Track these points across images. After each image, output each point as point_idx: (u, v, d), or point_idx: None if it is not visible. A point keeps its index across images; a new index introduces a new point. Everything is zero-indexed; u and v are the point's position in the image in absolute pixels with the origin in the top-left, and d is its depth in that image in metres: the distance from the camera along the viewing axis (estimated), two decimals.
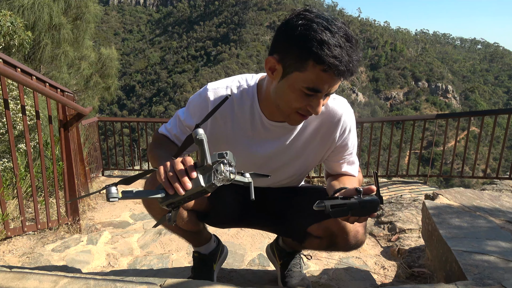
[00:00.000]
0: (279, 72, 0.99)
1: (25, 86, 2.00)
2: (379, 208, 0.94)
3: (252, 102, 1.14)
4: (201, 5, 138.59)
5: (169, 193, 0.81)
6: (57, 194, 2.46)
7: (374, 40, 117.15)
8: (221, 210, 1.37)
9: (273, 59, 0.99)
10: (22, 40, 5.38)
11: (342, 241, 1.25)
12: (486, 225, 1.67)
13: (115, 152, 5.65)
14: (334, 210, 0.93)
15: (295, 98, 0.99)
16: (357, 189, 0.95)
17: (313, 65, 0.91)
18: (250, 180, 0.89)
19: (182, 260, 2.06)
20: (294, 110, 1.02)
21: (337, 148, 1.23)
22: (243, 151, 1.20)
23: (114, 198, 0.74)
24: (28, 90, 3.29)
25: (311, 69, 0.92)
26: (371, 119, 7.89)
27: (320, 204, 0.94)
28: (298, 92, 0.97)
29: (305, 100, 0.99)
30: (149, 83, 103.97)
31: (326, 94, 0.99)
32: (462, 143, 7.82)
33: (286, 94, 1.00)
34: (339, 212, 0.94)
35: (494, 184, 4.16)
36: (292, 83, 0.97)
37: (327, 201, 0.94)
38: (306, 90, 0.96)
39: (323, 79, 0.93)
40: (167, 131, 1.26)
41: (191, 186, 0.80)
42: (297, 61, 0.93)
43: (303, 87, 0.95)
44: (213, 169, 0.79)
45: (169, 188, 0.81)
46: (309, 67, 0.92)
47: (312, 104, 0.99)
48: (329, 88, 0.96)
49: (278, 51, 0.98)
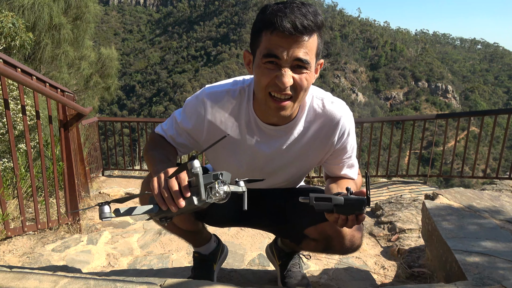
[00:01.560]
0: (251, 62, 1.03)
1: (25, 86, 2.00)
2: (364, 208, 0.93)
3: (247, 104, 1.13)
4: (201, 5, 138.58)
5: (162, 208, 0.83)
6: (57, 194, 2.47)
7: (374, 40, 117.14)
8: (219, 210, 1.37)
9: (246, 52, 1.06)
10: (23, 41, 5.39)
11: (338, 244, 1.25)
12: (486, 225, 1.67)
13: (115, 152, 5.65)
14: (318, 203, 0.93)
15: (261, 74, 0.98)
16: (347, 188, 0.96)
17: (264, 33, 0.95)
18: (244, 190, 0.88)
19: (182, 260, 2.06)
20: (266, 91, 1.00)
21: (336, 151, 1.21)
22: (240, 154, 1.19)
23: (106, 218, 0.76)
24: (28, 90, 3.29)
25: (264, 38, 0.95)
26: (371, 119, 7.88)
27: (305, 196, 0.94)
28: (261, 68, 0.98)
29: (270, 73, 0.97)
30: (149, 83, 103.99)
31: (298, 67, 0.96)
32: (462, 143, 7.82)
33: (256, 76, 1.01)
34: (323, 206, 0.94)
35: (494, 184, 4.16)
36: (256, 61, 0.99)
37: (312, 193, 0.94)
38: (264, 58, 0.96)
39: (275, 42, 0.93)
40: (163, 131, 1.25)
41: (184, 205, 0.80)
42: (256, 39, 0.99)
43: (261, 57, 0.96)
44: (207, 189, 0.79)
45: (162, 204, 0.82)
46: (262, 38, 0.96)
47: (278, 75, 0.96)
48: (286, 52, 0.93)
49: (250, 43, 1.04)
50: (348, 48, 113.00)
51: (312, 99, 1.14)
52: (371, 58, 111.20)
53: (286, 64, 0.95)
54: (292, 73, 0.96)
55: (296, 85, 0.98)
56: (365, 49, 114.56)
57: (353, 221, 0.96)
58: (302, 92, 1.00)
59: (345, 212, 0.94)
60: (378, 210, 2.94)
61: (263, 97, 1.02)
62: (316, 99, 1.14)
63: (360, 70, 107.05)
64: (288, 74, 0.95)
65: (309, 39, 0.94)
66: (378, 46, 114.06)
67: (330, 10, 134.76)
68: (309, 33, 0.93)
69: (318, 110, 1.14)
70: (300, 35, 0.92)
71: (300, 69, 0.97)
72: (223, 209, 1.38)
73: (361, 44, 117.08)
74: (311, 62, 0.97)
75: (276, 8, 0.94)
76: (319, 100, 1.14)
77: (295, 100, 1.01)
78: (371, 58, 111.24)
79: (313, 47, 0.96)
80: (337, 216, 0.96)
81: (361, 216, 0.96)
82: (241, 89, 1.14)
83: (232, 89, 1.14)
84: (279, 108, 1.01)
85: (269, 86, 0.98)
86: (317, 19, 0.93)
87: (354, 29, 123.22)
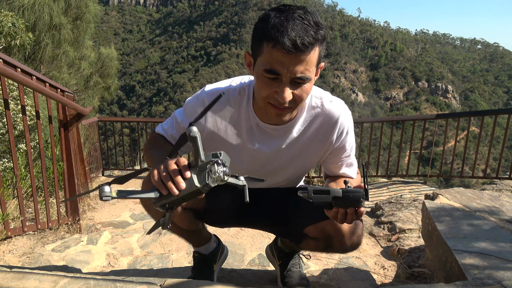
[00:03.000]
0: (252, 64, 1.03)
1: (25, 86, 2.00)
2: (362, 200, 0.93)
3: (247, 103, 1.14)
4: (201, 5, 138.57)
5: (163, 193, 0.81)
6: (57, 194, 2.47)
7: (374, 40, 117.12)
8: (219, 209, 1.37)
9: (246, 53, 1.05)
10: (23, 41, 5.39)
11: (338, 243, 1.25)
12: (486, 225, 1.67)
13: (115, 152, 5.65)
14: (316, 195, 0.94)
15: (261, 86, 0.99)
16: (345, 181, 0.96)
17: (266, 45, 0.94)
18: (244, 183, 0.88)
19: (182, 260, 2.06)
20: (266, 101, 1.01)
21: (334, 151, 1.22)
22: (240, 153, 1.19)
23: (107, 197, 0.74)
24: (28, 90, 3.29)
25: (265, 50, 0.94)
26: (371, 119, 7.88)
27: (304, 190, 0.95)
28: (262, 78, 0.98)
29: (270, 87, 0.97)
30: (149, 83, 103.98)
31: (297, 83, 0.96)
32: (462, 143, 7.81)
33: (256, 84, 1.01)
34: (322, 199, 0.94)
35: (494, 184, 4.16)
36: (257, 70, 0.99)
37: (310, 186, 0.95)
38: (265, 73, 0.96)
39: (276, 58, 0.92)
40: (164, 131, 1.25)
41: (185, 186, 0.80)
42: (257, 47, 0.97)
43: (262, 70, 0.96)
44: (207, 169, 0.79)
45: (163, 188, 0.81)
46: (263, 49, 0.95)
47: (277, 90, 0.96)
48: (286, 69, 0.93)
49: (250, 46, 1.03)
50: (348, 48, 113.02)
51: (311, 98, 1.15)
52: (371, 58, 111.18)
53: (286, 80, 0.95)
54: (292, 89, 0.97)
55: (295, 98, 0.99)
56: (365, 49, 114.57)
57: (352, 215, 0.97)
58: (302, 102, 1.02)
59: (344, 205, 0.95)
60: (378, 210, 2.94)
61: (263, 105, 1.03)
62: (315, 98, 1.15)
63: (360, 70, 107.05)
64: (287, 91, 0.96)
65: (310, 53, 0.93)
66: (378, 46, 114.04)
67: (330, 10, 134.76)
68: (310, 49, 0.93)
69: (317, 109, 1.15)
70: (300, 53, 0.91)
71: (299, 84, 0.97)
72: (223, 208, 1.38)
73: (361, 44, 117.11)
74: (311, 76, 0.97)
75: (278, 21, 0.92)
76: (318, 99, 1.15)
77: (295, 108, 1.03)
78: (371, 58, 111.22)
79: (314, 60, 0.96)
80: (336, 211, 0.97)
81: (360, 210, 0.96)
82: (241, 89, 1.14)
83: (232, 89, 1.14)
84: (278, 114, 1.03)
85: (269, 98, 1.00)
86: (318, 34, 0.92)
87: (354, 29, 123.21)
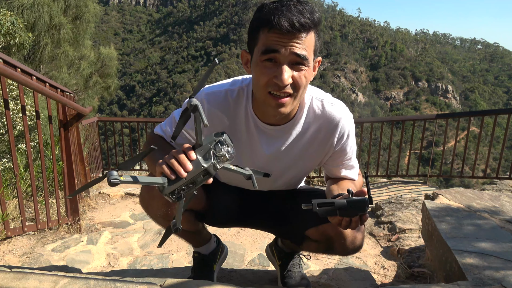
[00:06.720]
0: (249, 61, 1.04)
1: (25, 86, 2.00)
2: (367, 208, 0.93)
3: (246, 103, 1.13)
4: (201, 5, 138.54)
5: (170, 178, 0.81)
6: (57, 194, 2.46)
7: (374, 40, 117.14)
8: (219, 210, 1.36)
9: (243, 52, 1.06)
10: (23, 40, 5.39)
11: (339, 246, 1.25)
12: (486, 225, 1.67)
13: (115, 152, 5.65)
14: (321, 208, 0.93)
15: (260, 73, 0.98)
16: (348, 190, 0.95)
17: (262, 31, 0.96)
18: (250, 172, 0.91)
19: (182, 260, 2.06)
20: (265, 91, 0.99)
21: (335, 153, 1.21)
22: (239, 154, 1.18)
23: (115, 179, 0.73)
24: (28, 90, 3.29)
25: (262, 37, 0.96)
26: (371, 119, 7.87)
27: (308, 203, 0.94)
28: (260, 65, 0.98)
29: (269, 71, 0.97)
30: (149, 83, 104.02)
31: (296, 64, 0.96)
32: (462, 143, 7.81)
33: (255, 75, 1.01)
34: (326, 211, 0.93)
35: (494, 184, 4.16)
36: (255, 60, 0.99)
37: (314, 199, 0.94)
38: (263, 55, 0.96)
39: (273, 39, 0.94)
40: (163, 131, 1.25)
41: (192, 168, 0.80)
42: (253, 39, 0.99)
43: (260, 55, 0.97)
44: (211, 149, 0.80)
45: (170, 173, 0.81)
46: (260, 36, 0.97)
47: (276, 74, 0.95)
48: (284, 48, 0.93)
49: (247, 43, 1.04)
50: (348, 48, 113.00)
51: (312, 100, 1.13)
52: (371, 58, 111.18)
53: (284, 60, 0.95)
54: (291, 71, 0.96)
55: (295, 83, 0.98)
56: (365, 49, 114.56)
57: (357, 222, 0.96)
58: (301, 89, 1.00)
59: (349, 214, 0.94)
60: (378, 210, 2.94)
61: (262, 95, 1.01)
62: (316, 100, 1.14)
63: (360, 70, 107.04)
64: (287, 71, 0.95)
65: (307, 36, 0.94)
66: (378, 46, 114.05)
67: (330, 10, 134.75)
68: (306, 30, 0.94)
69: (318, 111, 1.13)
70: (297, 32, 0.93)
71: (298, 65, 0.97)
72: (224, 208, 1.38)
73: (361, 44, 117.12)
74: (309, 59, 0.97)
75: (273, 6, 0.95)
76: (318, 101, 1.14)
77: (295, 97, 1.01)
78: (371, 58, 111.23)
79: (311, 44, 0.97)
80: (341, 219, 0.96)
81: (365, 217, 0.95)
82: (240, 89, 1.13)
83: (230, 89, 1.14)
84: (278, 105, 1.00)
85: (268, 86, 0.98)
86: (314, 16, 0.94)
87: (354, 29, 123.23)
